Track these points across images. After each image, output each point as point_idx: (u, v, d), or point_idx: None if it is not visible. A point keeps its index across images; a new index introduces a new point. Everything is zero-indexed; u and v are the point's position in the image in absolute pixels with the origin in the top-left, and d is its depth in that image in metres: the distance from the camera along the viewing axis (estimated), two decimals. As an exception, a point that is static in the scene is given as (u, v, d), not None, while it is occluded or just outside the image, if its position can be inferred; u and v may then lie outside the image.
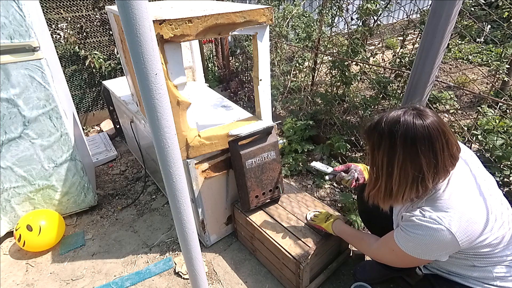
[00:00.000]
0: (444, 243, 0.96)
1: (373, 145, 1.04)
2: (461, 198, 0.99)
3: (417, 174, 0.97)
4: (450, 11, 1.20)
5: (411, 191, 1.00)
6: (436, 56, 1.29)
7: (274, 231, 1.65)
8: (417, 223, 0.99)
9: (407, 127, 0.95)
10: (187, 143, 1.56)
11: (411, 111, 0.98)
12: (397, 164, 0.98)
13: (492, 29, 3.96)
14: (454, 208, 0.97)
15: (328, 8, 2.71)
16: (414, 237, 1.00)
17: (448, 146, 0.96)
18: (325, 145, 2.65)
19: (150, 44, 0.77)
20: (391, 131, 0.97)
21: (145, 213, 2.30)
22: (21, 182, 1.94)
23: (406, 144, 0.95)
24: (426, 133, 0.93)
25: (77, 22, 3.14)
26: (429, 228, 0.96)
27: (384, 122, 1.00)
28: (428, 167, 0.96)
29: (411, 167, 0.97)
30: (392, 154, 0.98)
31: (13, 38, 1.61)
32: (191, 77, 2.60)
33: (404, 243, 1.04)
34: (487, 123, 2.06)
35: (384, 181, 1.04)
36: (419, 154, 0.95)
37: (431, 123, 0.94)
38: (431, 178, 0.97)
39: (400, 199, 1.04)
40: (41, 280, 1.83)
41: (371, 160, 1.07)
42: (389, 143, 0.98)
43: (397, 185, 1.01)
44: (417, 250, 1.02)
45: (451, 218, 0.95)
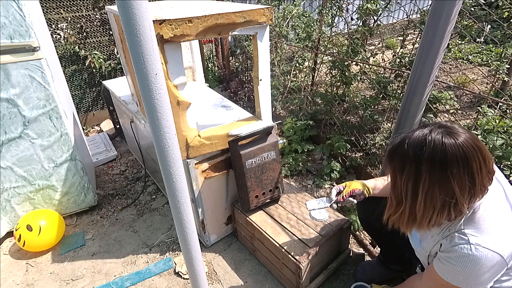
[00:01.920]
0: (495, 268, 0.88)
1: (395, 169, 0.94)
2: (501, 215, 0.92)
3: (449, 200, 0.87)
4: (450, 11, 1.20)
5: (440, 216, 0.91)
6: (436, 56, 1.29)
7: (274, 231, 1.65)
8: (463, 254, 0.89)
9: (434, 148, 0.85)
10: (187, 143, 1.56)
11: (438, 129, 0.87)
12: (422, 189, 0.88)
13: (492, 29, 3.96)
14: (498, 228, 0.89)
15: (328, 8, 2.71)
16: (464, 269, 0.90)
17: (485, 163, 0.86)
18: (325, 145, 2.65)
19: (150, 44, 0.77)
20: (415, 154, 0.87)
21: (145, 213, 2.30)
22: (21, 182, 1.94)
23: (434, 168, 0.85)
24: (461, 154, 0.83)
25: (77, 22, 3.14)
26: (478, 258, 0.87)
27: (407, 143, 0.90)
28: (462, 191, 0.86)
29: (440, 192, 0.87)
30: (417, 179, 0.88)
31: (13, 38, 1.61)
32: (191, 77, 2.60)
33: (452, 274, 0.94)
34: (487, 123, 2.06)
35: (409, 206, 0.94)
36: (449, 179, 0.84)
37: (465, 141, 0.84)
38: (466, 201, 0.87)
39: (425, 225, 0.94)
40: (41, 280, 1.83)
41: (393, 183, 0.97)
42: (414, 167, 0.88)
43: (422, 211, 0.92)
44: (469, 282, 0.91)
45: (497, 240, 0.87)
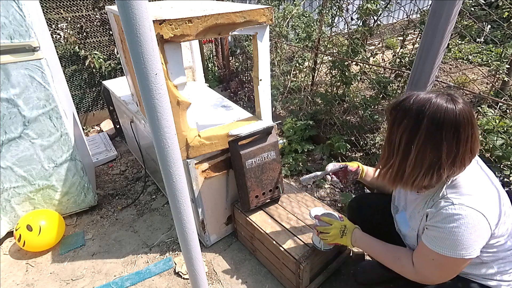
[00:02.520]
0: (480, 228, 0.91)
1: (395, 119, 0.98)
2: (480, 184, 0.97)
3: (435, 161, 0.92)
4: (450, 11, 1.20)
5: (425, 177, 0.96)
6: (436, 56, 1.29)
7: (274, 231, 1.65)
8: (448, 214, 0.93)
9: (437, 108, 0.90)
10: (187, 143, 1.56)
11: (445, 96, 0.93)
12: (416, 144, 0.93)
13: (492, 29, 3.96)
14: (479, 193, 0.94)
15: (328, 8, 2.71)
16: (450, 231, 0.93)
17: (472, 139, 0.92)
18: (325, 145, 2.65)
19: (150, 44, 0.77)
20: (419, 109, 0.92)
21: (145, 213, 2.31)
22: (21, 182, 1.94)
23: (431, 125, 0.90)
24: (456, 120, 0.89)
25: (77, 22, 3.14)
26: (462, 216, 0.91)
27: (414, 99, 0.95)
28: (448, 156, 0.92)
29: (430, 151, 0.92)
30: (414, 132, 0.93)
31: (13, 38, 1.61)
32: (191, 77, 2.60)
33: (440, 244, 0.96)
34: (487, 123, 2.06)
35: (398, 160, 0.99)
36: (442, 140, 0.90)
37: (463, 110, 0.90)
38: (447, 168, 0.93)
39: (410, 184, 0.99)
40: (41, 280, 1.83)
41: (388, 136, 1.02)
42: (413, 120, 0.93)
43: (412, 167, 0.96)
44: (457, 248, 0.93)
45: (479, 199, 0.92)
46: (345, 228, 1.29)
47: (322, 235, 1.33)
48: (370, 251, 1.23)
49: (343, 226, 1.29)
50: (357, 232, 1.27)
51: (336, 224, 1.30)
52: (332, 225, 1.31)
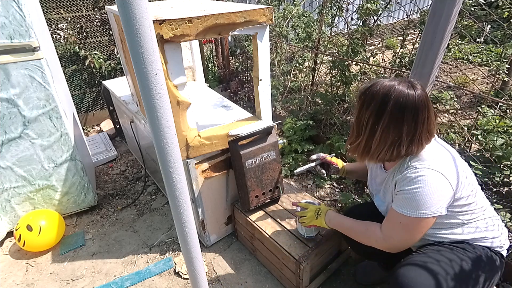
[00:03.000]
0: (441, 187, 1.01)
1: (363, 103, 1.10)
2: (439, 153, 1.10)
3: (396, 139, 1.05)
4: (450, 11, 1.20)
5: (387, 153, 1.09)
6: (436, 56, 1.29)
7: (274, 231, 1.65)
8: (411, 177, 1.05)
9: (400, 94, 1.03)
10: (187, 143, 1.56)
11: (406, 82, 1.05)
12: (381, 125, 1.06)
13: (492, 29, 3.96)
14: (437, 157, 1.07)
15: (328, 8, 2.71)
16: (414, 191, 1.03)
17: (428, 121, 1.05)
18: (325, 145, 2.65)
19: (150, 44, 0.77)
20: (385, 94, 1.04)
21: (145, 213, 2.31)
22: (21, 182, 1.94)
23: (395, 109, 1.03)
24: (415, 104, 1.02)
25: (77, 22, 3.14)
26: (423, 177, 1.02)
27: (380, 85, 1.07)
28: (407, 135, 1.04)
29: (393, 130, 1.05)
30: (379, 115, 1.06)
31: (13, 38, 1.61)
32: (191, 77, 2.60)
33: (406, 206, 1.06)
34: (487, 123, 2.06)
35: (365, 139, 1.11)
36: (403, 121, 1.03)
37: (421, 95, 1.03)
38: (405, 145, 1.06)
39: (375, 158, 1.12)
40: (41, 280, 1.83)
41: (357, 117, 1.14)
42: (379, 104, 1.05)
43: (376, 145, 1.09)
44: (421, 207, 1.03)
45: (438, 163, 1.04)
46: (319, 210, 1.42)
47: (300, 219, 1.48)
48: (342, 228, 1.32)
49: (317, 209, 1.43)
50: (330, 213, 1.38)
51: (312, 207, 1.45)
52: (308, 209, 1.45)
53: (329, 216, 1.37)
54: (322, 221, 1.38)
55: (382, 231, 1.15)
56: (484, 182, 1.80)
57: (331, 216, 1.37)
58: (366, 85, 1.13)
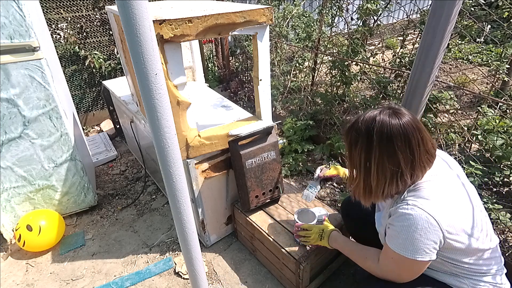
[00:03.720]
0: (428, 230, 0.95)
1: (351, 142, 1.07)
2: (444, 191, 1.01)
3: (396, 169, 1.00)
4: (450, 11, 1.20)
5: (391, 186, 1.03)
6: (436, 56, 1.29)
7: (274, 231, 1.65)
8: (400, 213, 1.00)
9: (383, 124, 0.98)
10: (187, 143, 1.56)
11: (387, 111, 1.01)
12: (373, 160, 1.01)
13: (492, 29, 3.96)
14: (436, 197, 0.99)
15: (328, 8, 2.71)
16: (401, 229, 0.99)
17: (423, 142, 0.99)
18: (325, 145, 2.65)
19: (150, 44, 0.77)
20: (367, 128, 1.00)
21: (145, 213, 2.31)
22: (21, 182, 1.94)
23: (382, 140, 0.98)
24: (402, 130, 0.97)
25: (77, 22, 3.14)
26: (412, 215, 0.96)
27: (361, 121, 1.03)
28: (406, 163, 0.99)
29: (388, 162, 1.00)
30: (369, 150, 1.01)
31: (13, 38, 1.61)
32: (191, 77, 2.60)
33: (395, 241, 1.02)
34: (487, 123, 2.06)
35: (363, 177, 1.06)
36: (395, 150, 0.98)
37: (406, 120, 0.98)
38: (409, 173, 1.00)
39: (380, 195, 1.06)
40: (41, 280, 1.83)
41: (349, 158, 1.10)
42: (366, 140, 1.01)
43: (376, 181, 1.03)
44: (408, 247, 0.98)
45: (433, 205, 0.96)
46: (323, 231, 1.41)
47: (304, 240, 1.47)
48: (343, 251, 1.33)
49: (321, 230, 1.41)
50: (334, 235, 1.38)
51: (315, 229, 1.43)
52: (312, 231, 1.43)
53: (332, 238, 1.38)
54: (325, 243, 1.39)
55: (379, 263, 1.13)
56: (484, 182, 1.81)
57: (333, 238, 1.37)
58: (349, 122, 1.10)
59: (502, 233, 1.76)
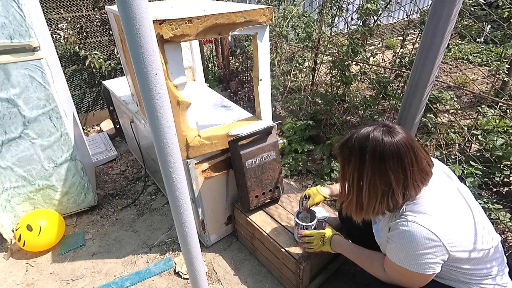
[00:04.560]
0: (430, 247, 0.94)
1: (344, 159, 1.07)
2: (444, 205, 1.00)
3: (387, 189, 0.99)
4: (450, 11, 1.20)
5: (381, 205, 1.02)
6: (436, 56, 1.29)
7: (274, 231, 1.65)
8: (401, 230, 0.99)
9: (376, 143, 0.97)
10: (187, 143, 1.56)
11: (381, 128, 1.00)
12: (365, 178, 1.01)
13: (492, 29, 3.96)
14: (436, 212, 0.97)
15: (328, 8, 2.71)
16: (402, 245, 0.99)
17: (417, 161, 0.98)
18: (325, 145, 2.65)
19: (150, 44, 0.77)
20: (360, 147, 1.00)
21: (145, 213, 2.30)
22: (21, 182, 1.94)
23: (374, 160, 0.98)
24: (395, 149, 0.96)
25: (77, 22, 3.14)
26: (412, 233, 0.96)
27: (355, 138, 1.03)
28: (397, 183, 0.98)
29: (380, 182, 0.99)
30: (361, 169, 1.01)
31: (13, 38, 1.61)
32: (191, 77, 2.60)
33: (396, 256, 1.03)
34: (487, 123, 2.06)
35: (355, 195, 1.06)
36: (387, 170, 0.97)
37: (400, 139, 0.97)
38: (400, 193, 0.99)
39: (371, 212, 1.06)
40: (41, 280, 1.83)
41: (342, 174, 1.10)
42: (358, 158, 1.01)
43: (367, 199, 1.03)
44: (409, 261, 0.99)
45: (433, 221, 0.95)
46: (325, 237, 1.40)
47: (307, 247, 1.45)
48: (348, 255, 1.33)
49: (322, 236, 1.41)
50: (336, 239, 1.38)
51: (316, 235, 1.42)
52: (313, 237, 1.43)
53: (334, 243, 1.38)
54: (328, 248, 1.39)
55: (386, 271, 1.13)
56: (484, 182, 1.81)
57: (336, 242, 1.38)
58: (342, 140, 1.09)
59: (502, 233, 1.76)
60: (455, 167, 1.78)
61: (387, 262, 1.10)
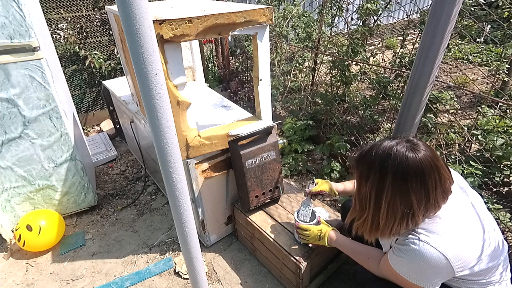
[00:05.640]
0: (439, 268, 0.92)
1: (361, 175, 1.00)
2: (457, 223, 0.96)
3: (407, 211, 0.93)
4: (450, 11, 1.20)
5: (400, 226, 0.97)
6: (436, 56, 1.29)
7: (274, 231, 1.65)
8: (411, 248, 0.95)
9: (399, 161, 0.91)
10: (187, 143, 1.56)
11: (404, 143, 0.94)
12: (385, 199, 0.94)
13: (492, 29, 3.96)
14: (449, 232, 0.94)
15: (328, 8, 2.71)
16: (409, 261, 0.97)
17: (441, 182, 0.93)
18: (325, 145, 2.65)
19: (150, 44, 0.77)
20: (381, 165, 0.93)
21: (145, 213, 2.30)
22: (21, 182, 1.94)
23: (396, 180, 0.91)
24: (419, 169, 0.90)
25: (77, 22, 3.14)
26: (422, 254, 0.92)
27: (375, 153, 0.96)
28: (419, 204, 0.92)
29: (400, 203, 0.93)
30: (381, 188, 0.94)
31: (13, 38, 1.61)
32: (191, 77, 2.60)
33: (399, 267, 1.01)
34: (487, 123, 2.06)
35: (371, 214, 1.00)
36: (409, 191, 0.91)
37: (424, 158, 0.90)
38: (421, 214, 0.94)
39: (387, 233, 1.00)
40: (41, 280, 1.83)
41: (358, 189, 1.03)
42: (378, 176, 0.94)
43: (385, 220, 0.97)
44: (412, 275, 0.98)
45: (446, 242, 0.92)
46: (321, 232, 1.41)
47: (303, 238, 1.48)
48: (344, 250, 1.34)
49: (319, 231, 1.41)
50: (332, 234, 1.39)
51: (313, 230, 1.43)
52: (310, 231, 1.43)
53: (331, 238, 1.38)
54: (324, 242, 1.40)
55: (380, 269, 1.12)
56: (484, 182, 1.81)
57: (332, 238, 1.38)
58: (362, 150, 1.01)
59: (502, 233, 1.76)
60: (455, 167, 1.78)
61: (385, 264, 1.08)
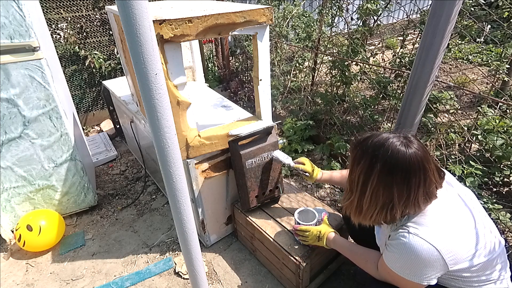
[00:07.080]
0: (430, 261, 0.94)
1: (354, 158, 1.04)
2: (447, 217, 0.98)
3: (387, 202, 0.97)
4: (450, 11, 1.20)
5: (380, 215, 1.01)
6: (436, 56, 1.29)
7: (274, 231, 1.65)
8: (402, 242, 0.98)
9: (390, 153, 0.94)
10: (187, 143, 1.56)
11: (401, 138, 0.97)
12: (370, 185, 0.99)
13: (492, 29, 3.96)
14: (438, 224, 0.96)
15: (328, 8, 2.71)
16: (400, 255, 0.99)
17: (425, 184, 0.95)
18: (325, 145, 2.65)
19: (150, 44, 0.77)
20: (373, 153, 0.97)
21: (145, 213, 2.30)
22: (21, 182, 1.94)
23: (383, 170, 0.95)
24: (406, 165, 0.93)
25: (77, 22, 3.14)
26: (412, 246, 0.95)
27: (371, 141, 1.00)
28: (399, 199, 0.96)
29: (383, 193, 0.97)
30: (368, 174, 0.99)
31: (13, 38, 1.61)
32: (191, 77, 2.60)
33: (393, 264, 1.03)
34: (487, 123, 2.06)
35: (357, 197, 1.04)
36: (392, 184, 0.95)
37: (414, 155, 0.93)
38: (399, 209, 0.97)
39: (368, 219, 1.05)
40: (41, 280, 1.83)
41: (350, 171, 1.07)
42: (368, 163, 0.98)
43: (367, 205, 1.02)
44: (405, 271, 0.99)
45: (435, 234, 0.94)
46: (320, 233, 1.41)
47: (302, 239, 1.49)
48: (343, 252, 1.35)
49: (318, 232, 1.42)
50: (331, 236, 1.40)
51: (313, 231, 1.43)
52: (309, 232, 1.43)
53: (329, 240, 1.40)
54: (323, 244, 1.41)
55: (379, 271, 1.14)
56: (484, 182, 1.81)
57: (330, 239, 1.39)
58: (360, 138, 1.06)
59: (502, 233, 1.76)
60: (455, 167, 1.78)
61: (382, 264, 1.10)
